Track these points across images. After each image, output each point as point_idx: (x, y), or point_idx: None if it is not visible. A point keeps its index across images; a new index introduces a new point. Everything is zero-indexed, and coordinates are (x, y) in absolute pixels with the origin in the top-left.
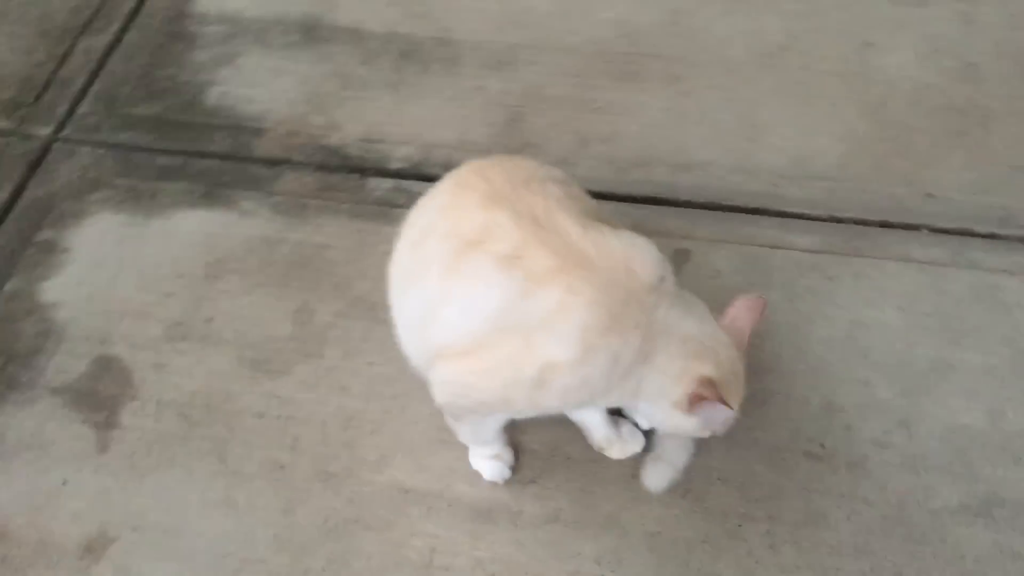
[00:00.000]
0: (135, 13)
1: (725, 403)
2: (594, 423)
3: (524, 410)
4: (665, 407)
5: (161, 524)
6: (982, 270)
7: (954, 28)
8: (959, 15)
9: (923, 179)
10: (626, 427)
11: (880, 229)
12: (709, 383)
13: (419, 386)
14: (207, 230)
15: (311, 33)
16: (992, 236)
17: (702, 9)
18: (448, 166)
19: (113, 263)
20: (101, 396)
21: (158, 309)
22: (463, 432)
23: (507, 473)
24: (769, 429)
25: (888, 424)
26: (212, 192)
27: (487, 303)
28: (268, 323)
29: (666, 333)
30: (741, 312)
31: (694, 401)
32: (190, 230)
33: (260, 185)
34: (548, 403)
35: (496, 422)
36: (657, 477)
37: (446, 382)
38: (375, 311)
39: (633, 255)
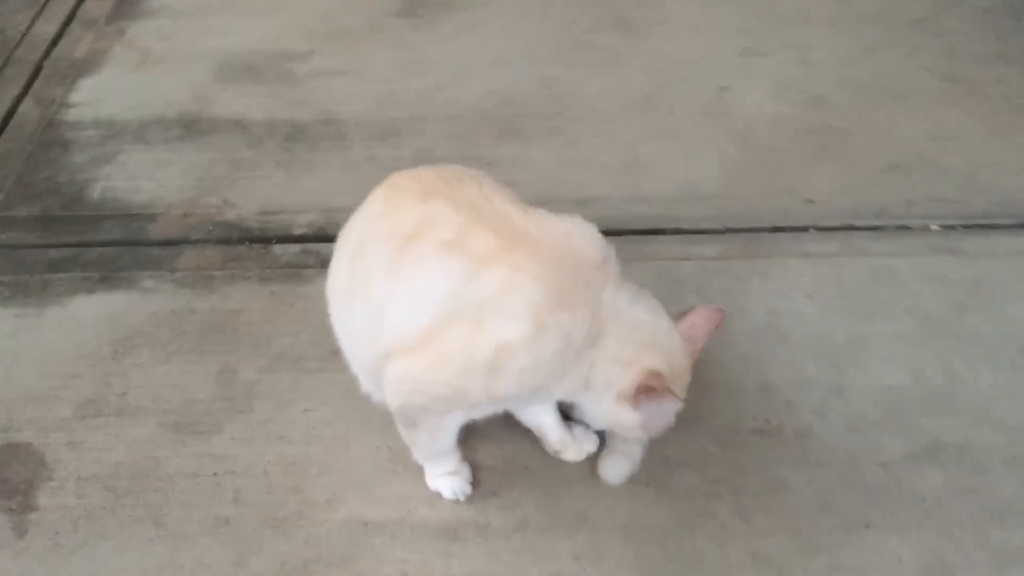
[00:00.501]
0: (2, 126)
1: (674, 393)
2: (548, 425)
3: (480, 402)
4: (610, 400)
5: None
6: (872, 256)
7: (795, 69)
8: (796, 59)
9: (800, 189)
10: (578, 429)
11: (773, 233)
12: (658, 376)
13: (362, 423)
14: (108, 311)
15: (191, 127)
16: (873, 228)
17: (569, 74)
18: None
19: (7, 355)
20: (12, 482)
21: (65, 392)
22: (419, 445)
23: (468, 488)
24: (715, 414)
25: (823, 394)
26: (109, 276)
27: (434, 292)
28: (189, 387)
29: (616, 317)
30: (699, 320)
31: (640, 392)
32: (90, 314)
33: (160, 264)
34: (504, 390)
35: (453, 426)
36: (615, 470)
37: (400, 380)
38: (301, 363)
39: (575, 234)
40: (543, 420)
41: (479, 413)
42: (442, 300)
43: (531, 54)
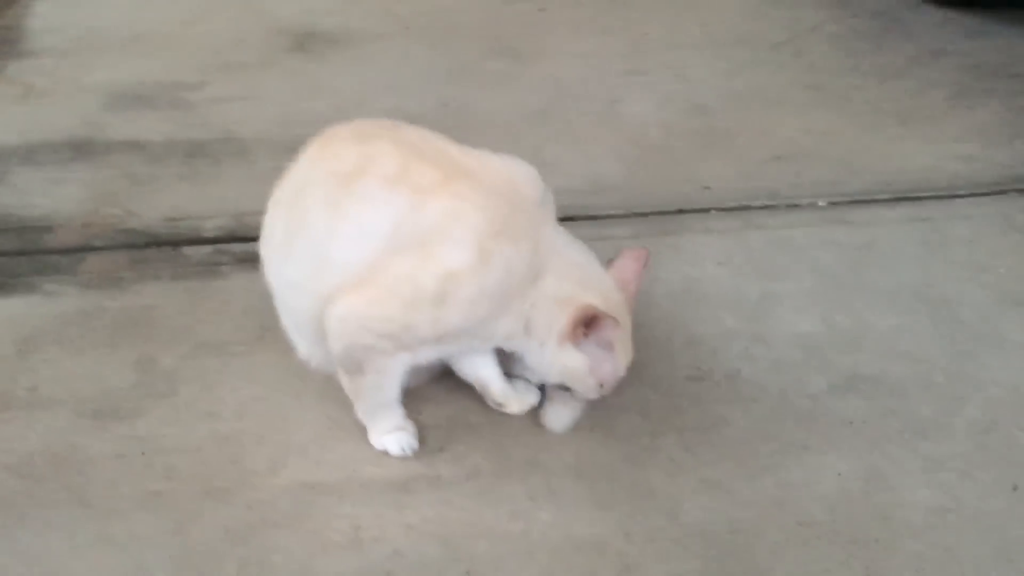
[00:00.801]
0: None
1: (612, 318)
2: (489, 378)
3: (427, 337)
4: (554, 346)
5: None
6: (770, 229)
7: (675, 85)
8: (675, 77)
9: (696, 179)
10: (519, 382)
11: (678, 215)
12: (591, 307)
13: (297, 397)
14: (8, 315)
15: (83, 149)
16: (767, 207)
17: (465, 94)
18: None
19: None
20: None
21: None
22: (363, 395)
23: (415, 443)
24: (649, 366)
25: (745, 343)
26: (5, 283)
27: (378, 226)
28: (105, 377)
29: (555, 254)
30: (627, 263)
31: (578, 325)
32: None
33: (61, 270)
34: (451, 322)
35: (398, 371)
36: (558, 418)
37: (344, 319)
38: (226, 348)
39: (516, 171)
40: (484, 373)
41: (424, 356)
42: (387, 234)
43: (425, 80)
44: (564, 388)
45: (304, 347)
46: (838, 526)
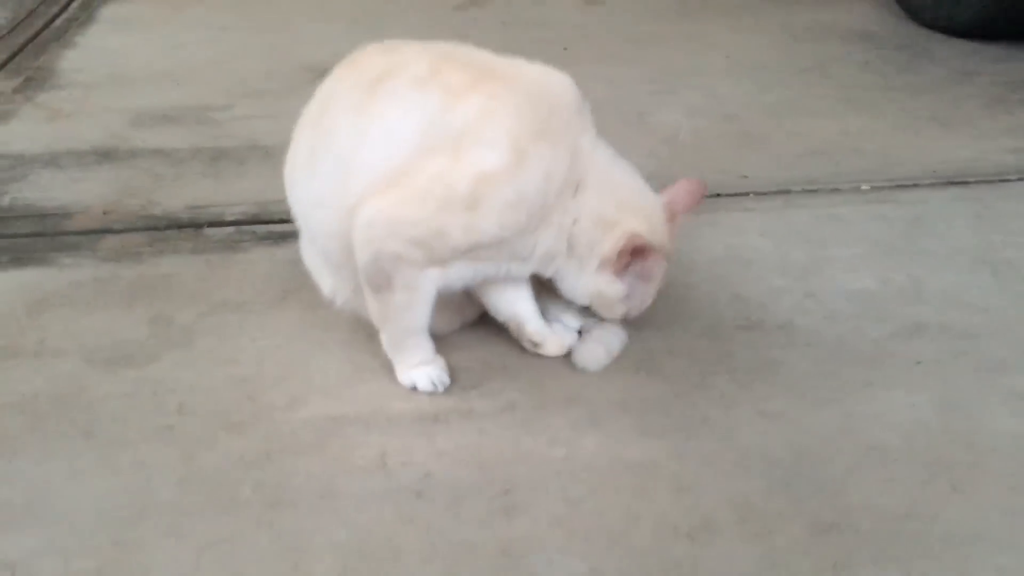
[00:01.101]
0: None
1: (658, 251)
2: (525, 315)
3: (459, 245)
4: (593, 268)
5: (14, 503)
6: (814, 208)
7: (704, 100)
8: (703, 94)
9: (732, 170)
10: (557, 325)
11: (715, 198)
12: (640, 237)
13: (321, 344)
14: (21, 282)
15: (107, 155)
16: (808, 191)
17: None
18: (288, 215)
19: None
20: None
21: None
22: (391, 316)
23: (445, 378)
24: (695, 316)
25: (796, 298)
26: (21, 258)
27: (407, 126)
28: (118, 331)
29: (596, 168)
30: (680, 192)
31: (624, 255)
32: (1, 288)
33: (79, 247)
34: (485, 229)
35: (428, 290)
36: (590, 357)
37: (372, 223)
38: (246, 306)
39: (551, 78)
40: (520, 308)
41: (457, 275)
42: (416, 134)
43: None
44: (585, 309)
45: (329, 281)
46: (916, 450)
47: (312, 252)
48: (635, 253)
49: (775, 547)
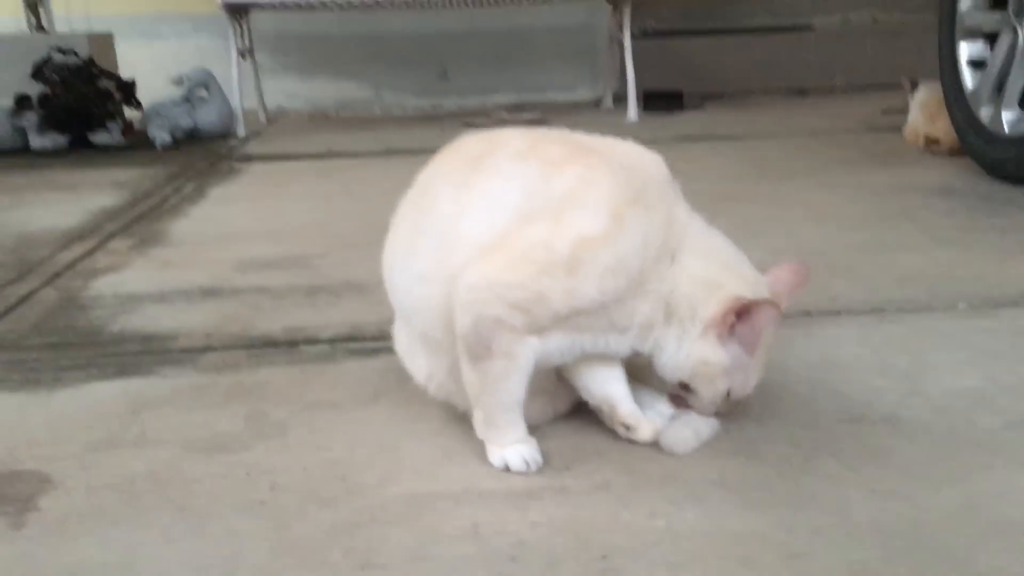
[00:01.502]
0: (15, 305)
1: (774, 305)
2: (618, 396)
3: (560, 311)
4: (696, 334)
5: (107, 563)
6: (910, 323)
7: (785, 241)
8: (785, 236)
9: (822, 291)
10: (650, 412)
11: (807, 316)
12: (746, 297)
13: (412, 431)
14: (126, 389)
15: (211, 293)
16: (902, 311)
17: None
18: (384, 334)
19: (11, 423)
20: (10, 496)
21: (75, 435)
22: (487, 390)
23: (538, 456)
24: (792, 410)
25: (900, 395)
26: (127, 370)
27: (509, 196)
28: (215, 424)
29: (693, 239)
30: (784, 274)
31: (731, 313)
32: (105, 392)
33: (181, 362)
34: (586, 294)
35: (527, 360)
36: (678, 439)
37: (473, 288)
38: (339, 406)
39: (644, 154)
40: (613, 390)
41: (555, 346)
42: (517, 203)
43: None
44: (684, 388)
45: (423, 364)
46: None
47: (406, 338)
48: (741, 314)
49: None
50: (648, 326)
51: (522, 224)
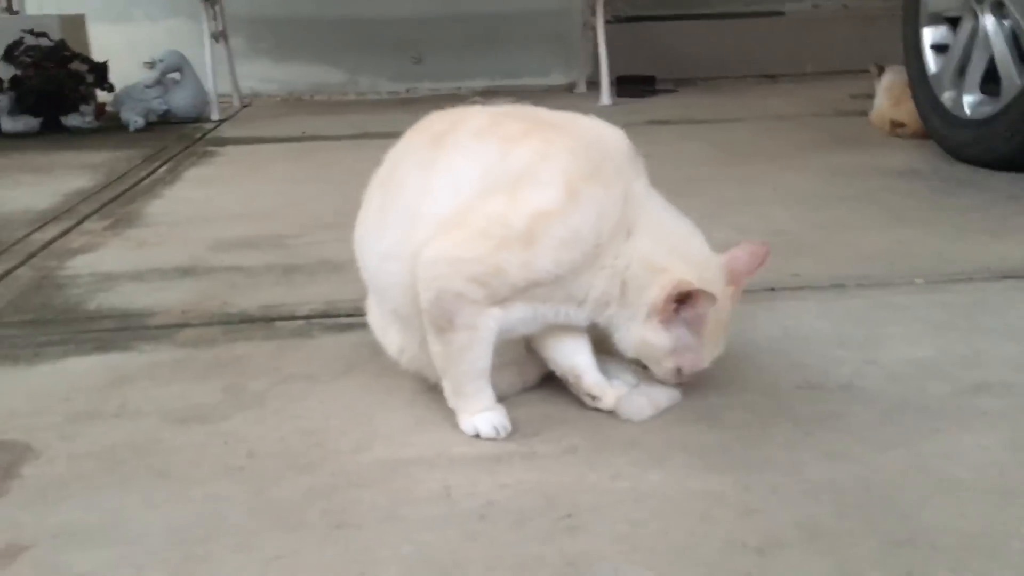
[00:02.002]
0: None
1: (710, 294)
2: (583, 366)
3: (517, 283)
4: (642, 316)
5: (90, 526)
6: (869, 298)
7: (753, 221)
8: (753, 217)
9: (784, 270)
10: (616, 381)
11: (770, 292)
12: (686, 283)
13: (385, 402)
14: (104, 364)
15: (188, 272)
16: (862, 286)
17: None
18: (358, 310)
19: None
20: None
21: (55, 407)
22: (454, 359)
23: (507, 423)
24: (753, 378)
25: (856, 365)
26: (105, 346)
27: (468, 173)
28: (193, 396)
29: (649, 214)
30: (741, 254)
31: (669, 301)
32: (83, 366)
33: (159, 338)
34: (542, 266)
35: (490, 331)
36: (634, 409)
37: (434, 263)
38: (315, 377)
39: (605, 128)
40: (579, 361)
41: (517, 316)
42: (476, 179)
43: None
44: (640, 365)
45: (396, 339)
46: (988, 482)
47: (378, 312)
48: (682, 300)
49: (847, 559)
50: (604, 301)
51: (481, 199)
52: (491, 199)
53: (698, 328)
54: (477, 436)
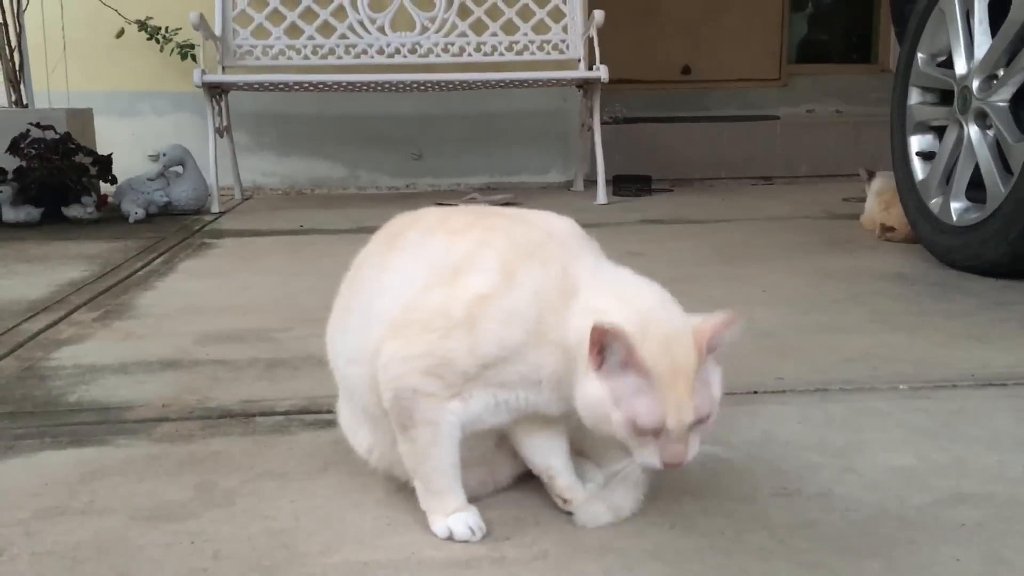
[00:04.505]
0: None
1: (630, 343)
2: (559, 468)
3: (468, 371)
4: (582, 374)
5: None
6: (851, 403)
7: None
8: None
9: (768, 372)
10: (591, 485)
11: (751, 395)
12: (602, 322)
13: (357, 505)
14: (78, 459)
15: (172, 365)
16: (844, 391)
17: None
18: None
19: None
20: None
21: (23, 503)
22: (420, 459)
23: (481, 523)
24: (730, 485)
25: (835, 472)
26: (81, 440)
27: (415, 271)
28: (164, 494)
29: (593, 273)
30: (710, 317)
31: (592, 345)
32: (57, 461)
33: (136, 432)
34: (486, 350)
35: (451, 424)
36: (589, 516)
37: (387, 364)
38: (288, 476)
39: (553, 217)
40: (554, 462)
41: (478, 406)
42: (423, 276)
43: None
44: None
45: (366, 438)
46: None
47: (348, 412)
48: (606, 337)
49: None
50: (556, 377)
51: (423, 293)
52: (432, 292)
53: (641, 373)
54: (451, 538)
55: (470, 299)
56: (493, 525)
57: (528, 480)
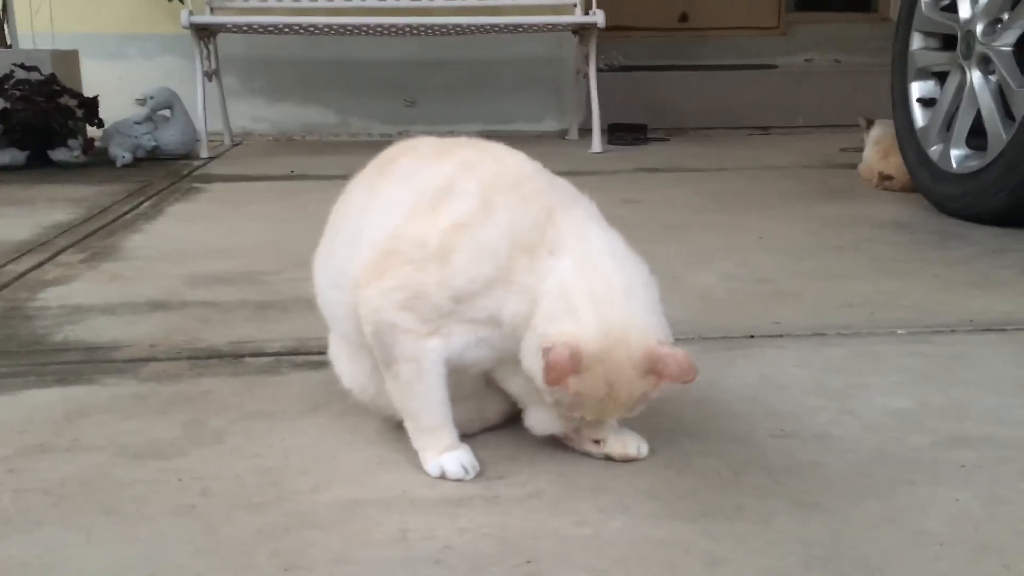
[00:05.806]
0: None
1: (572, 378)
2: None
3: (440, 305)
4: (535, 348)
5: (27, 563)
6: (849, 347)
7: (737, 267)
8: (736, 263)
9: (765, 317)
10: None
11: (748, 339)
12: (570, 350)
13: (348, 442)
14: (64, 396)
15: (160, 306)
16: (842, 335)
17: None
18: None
19: None
20: None
21: (7, 438)
22: (407, 396)
23: (475, 462)
24: (727, 426)
25: (833, 414)
26: (67, 379)
27: (402, 198)
28: (151, 432)
29: (583, 244)
30: (672, 359)
31: (552, 371)
32: (42, 399)
33: (123, 372)
34: (457, 284)
35: (433, 361)
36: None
37: (368, 298)
38: (277, 415)
39: (536, 163)
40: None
41: (460, 346)
42: (409, 203)
43: None
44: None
45: (345, 367)
46: (962, 535)
47: (335, 341)
48: (555, 361)
49: None
50: (514, 325)
51: (407, 222)
52: (414, 220)
53: (581, 393)
54: (444, 476)
55: (446, 228)
56: (486, 464)
57: (521, 424)
